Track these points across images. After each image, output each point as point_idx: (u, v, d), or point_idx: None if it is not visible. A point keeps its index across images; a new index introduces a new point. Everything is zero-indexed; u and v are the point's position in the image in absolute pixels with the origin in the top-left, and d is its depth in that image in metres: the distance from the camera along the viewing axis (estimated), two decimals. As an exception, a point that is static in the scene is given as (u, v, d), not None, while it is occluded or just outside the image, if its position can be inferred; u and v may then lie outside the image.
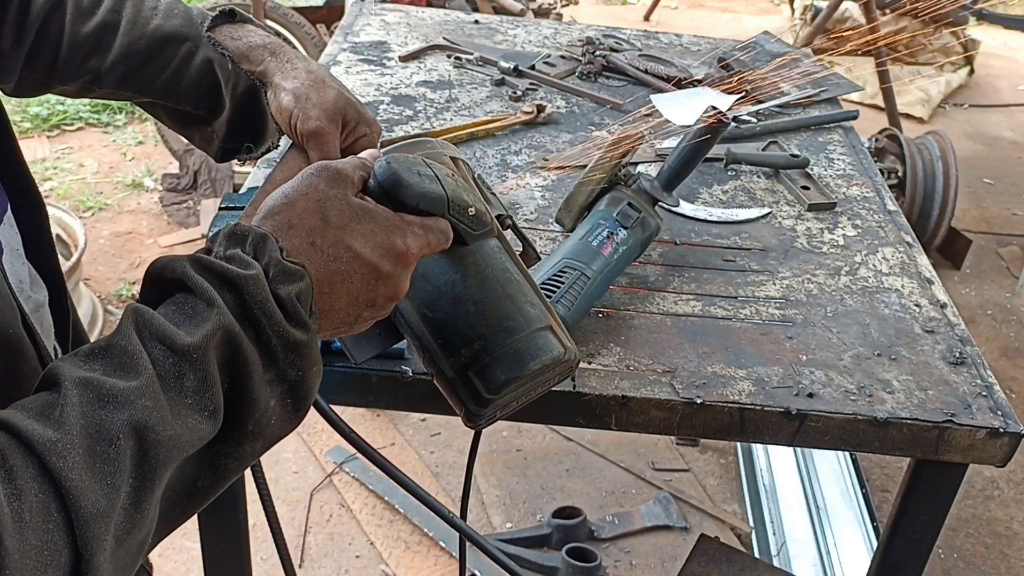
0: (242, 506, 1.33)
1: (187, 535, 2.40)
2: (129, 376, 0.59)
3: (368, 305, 0.74)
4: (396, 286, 0.75)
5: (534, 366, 0.84)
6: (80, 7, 1.09)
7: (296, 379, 0.68)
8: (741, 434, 1.14)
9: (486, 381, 0.83)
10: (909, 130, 4.40)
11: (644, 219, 1.27)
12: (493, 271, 0.85)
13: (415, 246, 0.75)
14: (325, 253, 0.71)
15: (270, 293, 0.66)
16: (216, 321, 0.63)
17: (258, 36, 1.13)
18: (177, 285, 0.66)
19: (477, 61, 1.95)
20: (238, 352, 0.64)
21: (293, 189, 0.73)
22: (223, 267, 0.65)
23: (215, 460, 0.65)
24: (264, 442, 0.68)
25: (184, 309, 0.64)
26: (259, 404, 0.65)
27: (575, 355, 0.89)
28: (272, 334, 0.66)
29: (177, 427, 0.60)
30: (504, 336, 0.83)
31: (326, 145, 1.08)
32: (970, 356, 1.23)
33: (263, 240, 0.68)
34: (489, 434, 2.80)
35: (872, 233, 1.50)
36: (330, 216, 0.72)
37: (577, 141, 1.69)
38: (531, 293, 0.87)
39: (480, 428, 0.89)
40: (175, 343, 0.61)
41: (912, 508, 1.22)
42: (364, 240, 0.72)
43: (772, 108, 1.88)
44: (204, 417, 0.62)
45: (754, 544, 2.53)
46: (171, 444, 0.59)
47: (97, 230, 3.75)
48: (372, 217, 0.74)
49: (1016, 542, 2.68)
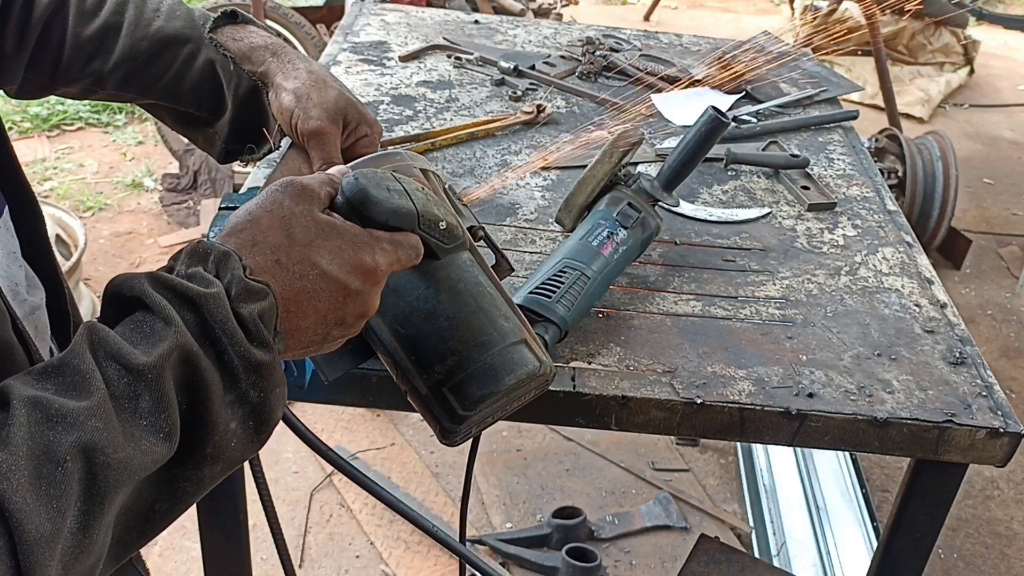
0: (242, 506, 1.33)
1: (187, 535, 2.40)
2: (80, 396, 0.57)
3: (337, 323, 0.73)
4: (365, 303, 0.74)
5: (509, 381, 0.83)
6: (82, 9, 1.10)
7: (258, 401, 0.66)
8: (741, 434, 1.14)
9: (461, 398, 0.82)
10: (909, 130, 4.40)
11: (644, 219, 1.27)
12: (466, 285, 0.84)
13: (384, 262, 0.74)
14: (291, 271, 0.69)
15: (231, 312, 0.64)
16: (173, 340, 0.62)
17: (259, 37, 1.13)
18: (136, 303, 0.64)
19: (477, 61, 1.95)
20: (196, 372, 0.62)
21: (257, 206, 0.72)
22: (183, 285, 0.64)
23: (173, 483, 0.63)
24: (224, 465, 0.66)
25: (141, 328, 0.62)
26: (219, 426, 0.64)
27: (551, 369, 0.88)
28: (233, 354, 0.64)
29: (129, 449, 0.58)
30: (478, 351, 0.82)
31: (327, 145, 1.08)
32: (970, 356, 1.23)
33: (226, 258, 0.67)
34: (489, 434, 2.80)
35: (872, 233, 1.50)
36: (295, 233, 0.70)
37: (577, 141, 1.69)
38: (505, 307, 0.86)
39: (455, 444, 0.87)
40: (130, 362, 0.60)
41: (912, 508, 1.22)
42: (331, 257, 0.71)
43: (772, 108, 1.88)
44: (159, 439, 0.60)
45: (754, 544, 2.53)
46: (122, 467, 0.57)
47: (97, 230, 3.75)
48: (339, 233, 0.72)
49: (1016, 542, 2.68)
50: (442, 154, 1.60)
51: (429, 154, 1.59)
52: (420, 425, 2.85)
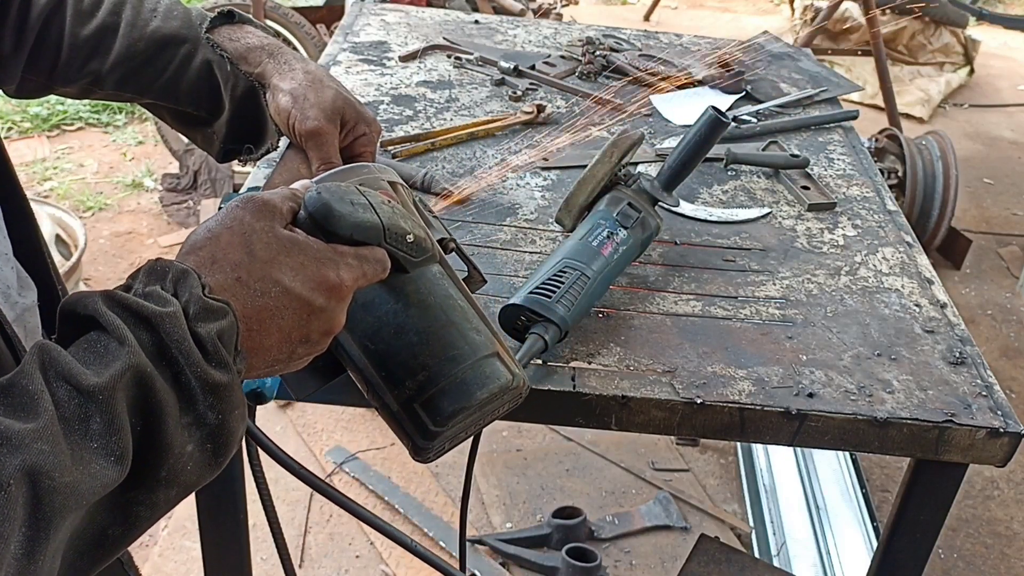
0: (242, 506, 1.33)
1: (187, 535, 2.40)
2: (28, 417, 0.56)
3: (302, 341, 0.71)
4: (331, 320, 0.72)
5: (481, 395, 0.82)
6: (80, 10, 1.10)
7: (216, 423, 0.64)
8: (741, 434, 1.14)
9: (432, 413, 0.81)
10: (909, 130, 4.40)
11: (644, 219, 1.27)
12: (436, 298, 0.82)
13: (349, 278, 0.73)
14: (252, 288, 0.68)
15: (188, 332, 0.63)
16: (126, 361, 0.60)
17: (256, 37, 1.13)
18: (90, 322, 0.62)
19: (477, 61, 1.95)
20: (151, 394, 0.61)
21: (217, 223, 0.70)
22: (138, 304, 0.62)
23: (126, 508, 0.61)
24: (179, 490, 0.64)
25: (95, 348, 0.61)
26: (174, 449, 0.62)
27: (524, 381, 0.87)
28: (190, 375, 0.62)
29: (77, 473, 0.56)
30: (449, 366, 0.81)
31: (325, 144, 1.08)
32: (970, 356, 1.23)
33: (184, 276, 0.65)
34: (489, 434, 2.80)
35: (872, 233, 1.50)
36: (256, 250, 0.69)
37: (578, 141, 1.69)
38: (476, 319, 0.85)
39: (428, 461, 0.85)
40: (80, 383, 0.58)
41: (912, 508, 1.22)
42: (294, 274, 0.69)
43: (772, 108, 1.88)
44: (110, 462, 0.58)
45: (754, 544, 2.53)
46: (69, 491, 0.55)
47: (97, 230, 3.75)
48: (302, 249, 0.71)
49: (1016, 542, 2.68)
50: (442, 154, 1.60)
51: (429, 154, 1.59)
52: (420, 425, 2.85)
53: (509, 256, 1.33)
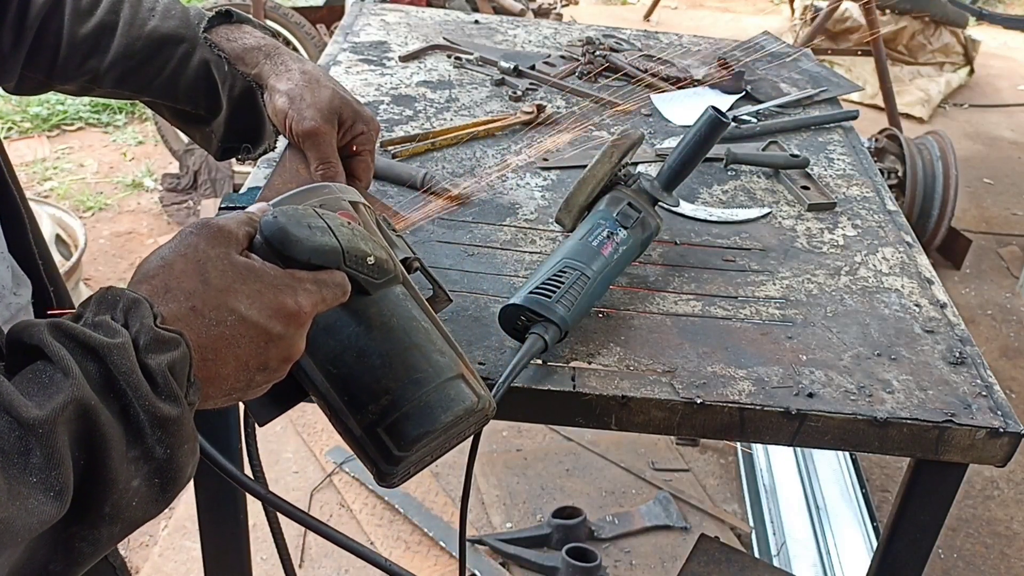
0: (242, 506, 1.33)
1: (187, 535, 2.40)
2: None
3: (260, 369, 0.70)
4: (290, 347, 0.71)
5: (446, 419, 0.80)
6: (79, 8, 1.10)
7: (164, 457, 0.62)
8: (741, 434, 1.14)
9: (396, 438, 0.79)
10: (909, 130, 4.40)
11: (644, 219, 1.27)
12: (399, 320, 0.81)
13: (308, 303, 0.71)
14: (206, 317, 0.66)
15: (137, 363, 0.61)
16: (69, 393, 0.58)
17: (253, 38, 1.13)
18: (37, 352, 0.61)
19: (477, 61, 1.95)
20: (95, 427, 0.59)
21: (171, 250, 0.69)
22: (85, 334, 0.61)
23: (68, 543, 0.60)
24: (123, 526, 0.62)
25: (39, 378, 0.59)
26: (118, 484, 0.60)
27: (490, 403, 0.85)
28: (139, 408, 0.61)
29: (13, 509, 0.54)
30: (413, 389, 0.79)
31: (322, 144, 1.08)
32: (970, 356, 1.23)
33: (135, 305, 0.63)
34: (489, 434, 2.80)
35: (872, 233, 1.50)
36: (211, 278, 0.67)
37: (577, 141, 1.69)
38: (440, 341, 0.83)
39: (392, 486, 0.84)
40: (21, 415, 0.56)
41: (912, 508, 1.22)
42: (250, 301, 0.68)
43: (772, 108, 1.88)
44: (49, 498, 0.56)
45: (754, 544, 2.53)
46: (4, 527, 0.54)
47: (97, 230, 3.75)
48: (258, 276, 0.69)
49: (1016, 542, 2.68)
50: (442, 154, 1.60)
51: (429, 154, 1.59)
52: (420, 425, 2.85)
53: (509, 256, 1.33)
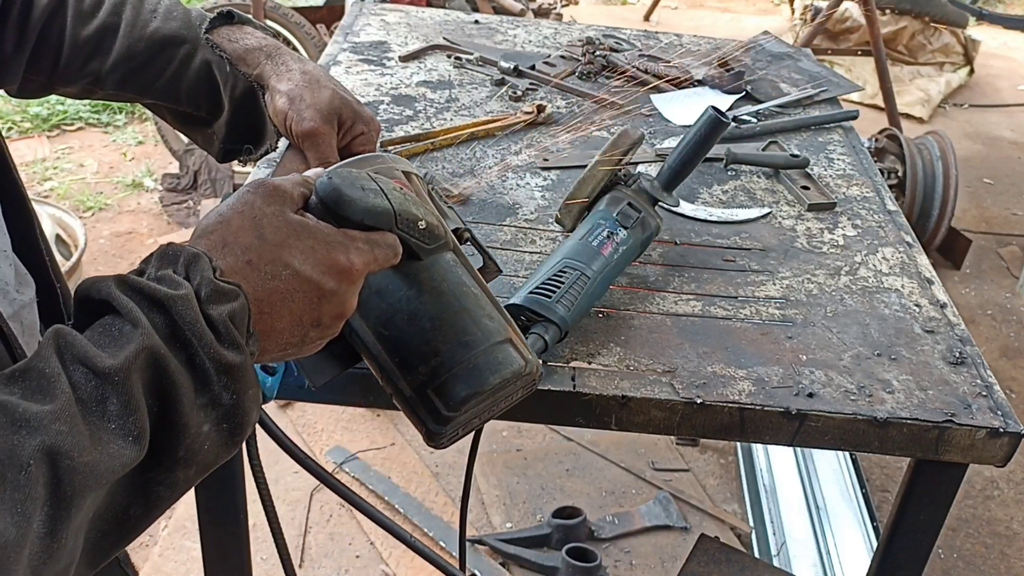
0: (242, 506, 1.33)
1: (187, 535, 2.40)
2: (45, 399, 0.57)
3: (314, 325, 0.72)
4: (342, 304, 0.73)
5: (494, 381, 0.82)
6: (80, 10, 1.10)
7: (231, 403, 0.65)
8: (741, 434, 1.14)
9: (445, 398, 0.81)
10: (909, 130, 4.40)
11: (644, 219, 1.27)
12: (449, 285, 0.83)
13: (359, 262, 0.73)
14: (262, 271, 0.68)
15: (200, 313, 0.63)
16: (140, 342, 0.61)
17: (254, 39, 1.13)
18: (104, 307, 0.63)
19: (477, 61, 1.95)
20: (166, 375, 0.62)
21: (228, 207, 0.71)
22: (150, 287, 0.63)
23: (147, 488, 0.62)
24: (198, 468, 0.65)
25: (109, 331, 0.62)
26: (190, 429, 0.63)
27: (537, 368, 0.87)
28: (204, 356, 0.63)
29: (96, 453, 0.57)
30: (462, 351, 0.81)
31: (322, 145, 1.08)
32: (970, 356, 1.23)
33: (195, 260, 0.66)
34: (489, 434, 2.80)
35: (872, 233, 1.50)
36: (266, 233, 0.70)
37: (577, 141, 1.69)
38: (489, 306, 0.85)
39: (442, 447, 0.86)
40: (96, 365, 0.59)
41: (912, 508, 1.22)
42: (304, 257, 0.70)
43: (772, 108, 1.88)
44: (128, 442, 0.59)
45: (754, 544, 2.53)
46: (88, 470, 0.57)
47: (97, 230, 3.75)
48: (311, 233, 0.71)
49: (1016, 542, 2.68)
50: (442, 154, 1.60)
51: (429, 154, 1.59)
52: (420, 425, 2.85)
53: (509, 256, 1.33)
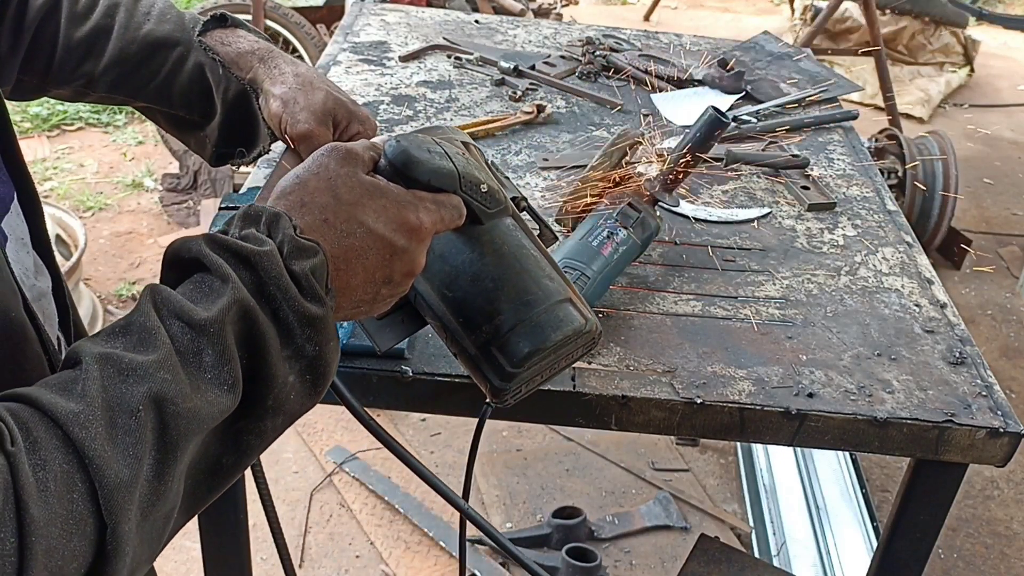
0: (242, 506, 1.33)
1: (187, 535, 2.39)
2: (148, 351, 0.60)
3: (385, 282, 0.75)
4: (412, 261, 0.76)
5: (556, 337, 0.84)
6: (74, 12, 1.10)
7: (314, 354, 0.68)
8: (741, 434, 1.14)
9: (509, 355, 0.84)
10: (909, 130, 4.40)
11: (644, 219, 1.27)
12: (510, 248, 0.86)
13: (428, 221, 0.76)
14: (338, 229, 0.72)
15: (284, 269, 0.66)
16: (231, 296, 0.64)
17: (247, 42, 1.13)
18: (194, 264, 0.67)
19: (477, 61, 1.95)
20: (255, 327, 0.65)
21: (304, 170, 0.75)
22: (237, 244, 0.67)
23: (238, 437, 0.66)
24: (285, 418, 0.68)
25: (201, 287, 0.65)
26: (278, 379, 0.66)
27: (596, 326, 0.89)
28: (288, 309, 0.66)
29: (196, 400, 0.61)
30: (524, 310, 0.84)
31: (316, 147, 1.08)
32: (970, 356, 1.23)
33: (276, 219, 0.69)
34: (489, 434, 2.80)
35: (872, 233, 1.50)
36: (341, 193, 0.73)
37: (577, 141, 1.69)
38: (549, 268, 0.88)
39: (506, 404, 0.89)
40: (192, 318, 0.62)
41: (912, 508, 1.22)
42: (376, 215, 0.73)
43: (772, 108, 1.88)
44: (223, 391, 0.62)
45: (754, 544, 2.53)
46: (191, 416, 0.60)
47: (97, 230, 3.75)
48: (383, 193, 0.74)
49: (1016, 542, 2.68)
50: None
51: (429, 154, 1.59)
52: (420, 425, 2.85)
53: (509, 256, 1.33)
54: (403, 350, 1.12)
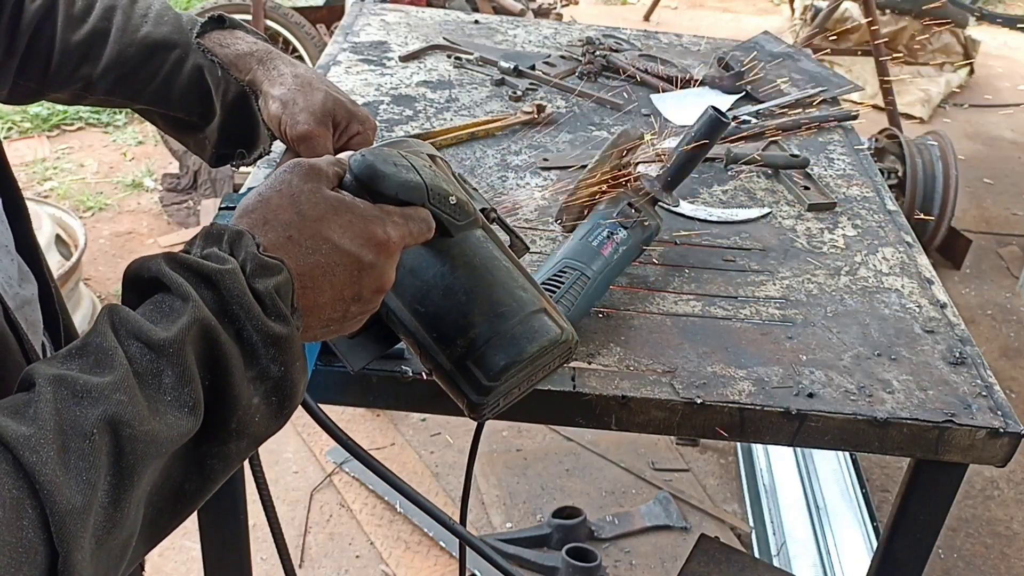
0: (242, 506, 1.33)
1: (187, 535, 2.40)
2: (104, 372, 0.58)
3: (355, 299, 0.74)
4: (381, 277, 0.75)
5: (532, 349, 0.83)
6: (71, 15, 1.10)
7: (279, 375, 0.67)
8: (741, 434, 1.14)
9: (485, 368, 0.82)
10: (909, 130, 4.39)
11: (644, 219, 1.27)
12: (481, 259, 0.84)
13: (396, 235, 0.75)
14: (303, 246, 0.70)
15: (247, 287, 0.65)
16: (192, 315, 0.62)
17: (246, 43, 1.13)
18: (154, 284, 0.65)
19: (477, 61, 1.95)
20: (216, 347, 0.63)
21: (267, 187, 0.73)
22: (198, 263, 0.65)
23: (200, 461, 0.64)
24: (249, 441, 0.66)
25: (160, 307, 0.63)
26: (241, 401, 0.64)
27: (572, 336, 0.88)
28: (252, 329, 0.65)
29: (155, 423, 0.59)
30: (499, 322, 0.83)
31: (316, 147, 1.08)
32: (970, 356, 1.23)
33: (239, 237, 0.68)
34: (489, 434, 2.80)
35: (872, 233, 1.50)
36: (305, 210, 0.71)
37: (577, 141, 1.69)
38: (522, 278, 0.87)
39: (484, 418, 0.88)
40: (151, 339, 0.61)
41: (912, 508, 1.22)
42: (342, 231, 0.71)
43: (772, 108, 1.88)
44: (184, 413, 0.61)
45: (754, 544, 2.53)
46: (149, 439, 0.58)
47: (97, 230, 3.75)
48: (349, 208, 0.73)
49: (1016, 542, 2.68)
50: (442, 154, 1.60)
51: (429, 154, 1.59)
52: (420, 425, 2.85)
53: (509, 256, 1.33)
54: (403, 350, 1.12)
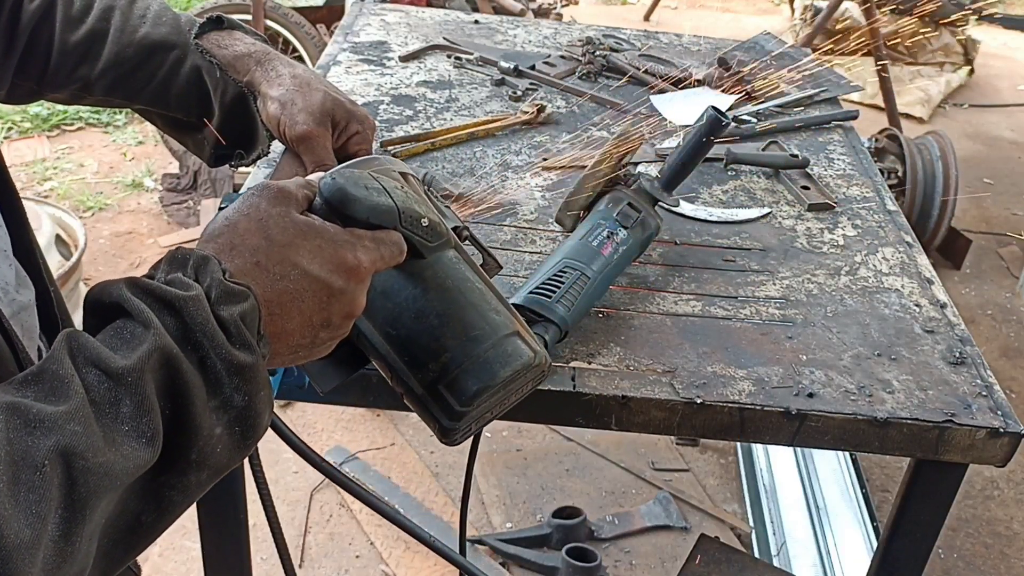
0: (242, 506, 1.33)
1: (187, 535, 2.40)
2: (59, 401, 0.56)
3: (324, 325, 0.72)
4: (351, 302, 0.73)
5: (504, 373, 0.82)
6: (69, 15, 1.10)
7: (243, 405, 0.65)
8: (741, 434, 1.14)
9: (457, 394, 0.81)
10: (909, 130, 4.39)
11: (644, 219, 1.27)
12: (453, 282, 0.83)
13: (367, 260, 0.73)
14: (271, 272, 0.68)
15: (211, 314, 0.63)
16: (152, 343, 0.60)
17: (244, 44, 1.13)
18: (116, 309, 0.63)
19: (477, 61, 1.95)
20: (178, 376, 0.61)
21: (234, 211, 0.71)
22: (161, 289, 0.63)
23: (159, 492, 0.62)
24: (210, 472, 0.64)
25: (121, 334, 0.62)
26: (203, 431, 0.62)
27: (545, 359, 0.87)
28: (215, 357, 0.63)
29: (110, 454, 0.57)
30: (471, 346, 0.81)
31: (316, 147, 1.08)
32: (970, 356, 1.23)
33: (204, 262, 0.66)
34: (489, 434, 2.81)
35: (872, 233, 1.50)
36: (273, 234, 0.69)
37: (577, 141, 1.69)
38: (495, 301, 0.86)
39: (456, 443, 0.86)
40: (109, 366, 0.59)
41: (912, 508, 1.22)
42: (312, 256, 0.70)
43: (772, 108, 1.88)
44: (141, 444, 0.59)
45: (754, 544, 2.53)
46: (103, 471, 0.56)
47: (97, 230, 3.75)
48: (318, 233, 0.71)
49: (1016, 542, 2.68)
50: (442, 154, 1.60)
51: (429, 154, 1.59)
52: (420, 425, 2.84)
53: (509, 256, 1.33)
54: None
